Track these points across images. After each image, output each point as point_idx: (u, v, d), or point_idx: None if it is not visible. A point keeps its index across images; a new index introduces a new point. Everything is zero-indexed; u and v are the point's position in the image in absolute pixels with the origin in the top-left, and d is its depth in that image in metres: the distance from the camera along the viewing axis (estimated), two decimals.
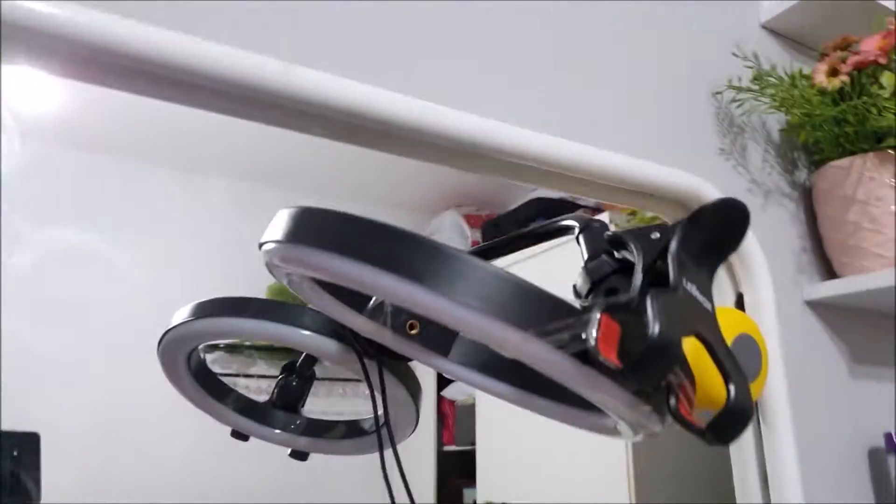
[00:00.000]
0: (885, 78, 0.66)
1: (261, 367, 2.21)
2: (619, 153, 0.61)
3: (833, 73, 0.70)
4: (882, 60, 0.67)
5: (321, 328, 0.48)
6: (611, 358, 0.24)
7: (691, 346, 0.56)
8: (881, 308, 0.78)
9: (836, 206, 0.73)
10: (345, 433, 0.62)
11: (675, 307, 0.26)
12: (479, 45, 0.61)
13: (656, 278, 0.27)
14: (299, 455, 0.64)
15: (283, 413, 0.61)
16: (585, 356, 0.26)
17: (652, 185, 0.64)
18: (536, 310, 0.26)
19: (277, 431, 0.62)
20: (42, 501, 1.08)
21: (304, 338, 0.49)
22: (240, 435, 0.63)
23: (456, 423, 2.23)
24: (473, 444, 1.82)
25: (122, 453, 1.96)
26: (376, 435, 0.56)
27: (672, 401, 0.27)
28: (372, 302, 0.42)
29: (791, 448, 0.65)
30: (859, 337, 0.79)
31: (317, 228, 0.29)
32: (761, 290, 0.68)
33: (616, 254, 0.30)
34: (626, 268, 0.29)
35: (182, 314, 0.51)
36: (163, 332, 0.53)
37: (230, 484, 2.12)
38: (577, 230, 0.33)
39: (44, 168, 1.86)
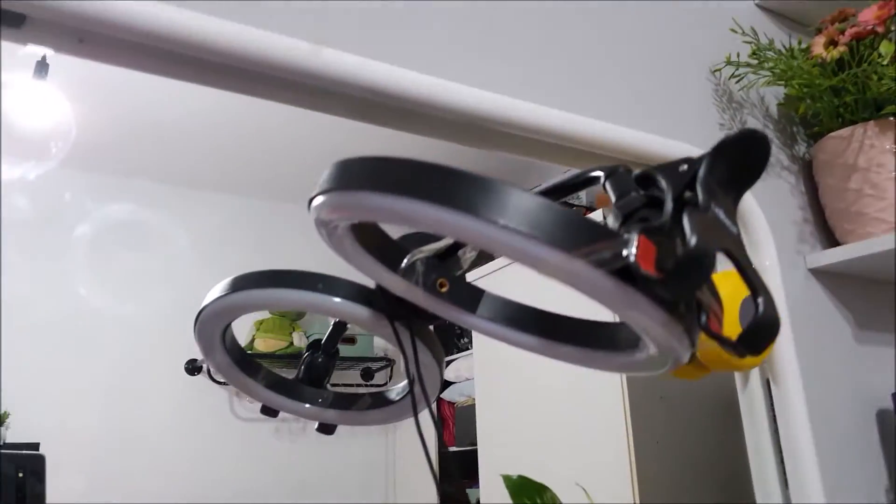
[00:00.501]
0: (884, 46, 0.69)
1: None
2: (623, 127, 0.64)
3: (831, 44, 0.73)
4: (880, 29, 0.70)
5: (354, 296, 0.50)
6: (650, 270, 0.26)
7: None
8: (884, 274, 0.80)
9: (837, 175, 0.76)
10: (370, 404, 0.64)
11: (706, 225, 0.28)
12: (500, 28, 0.63)
13: (685, 208, 0.29)
14: (326, 428, 0.65)
15: (309, 388, 0.63)
16: (624, 274, 0.28)
17: (657, 156, 0.66)
18: (578, 233, 0.28)
19: (306, 406, 0.63)
20: None
21: (338, 305, 0.50)
22: (269, 410, 0.64)
23: (456, 424, 2.25)
24: (474, 444, 1.84)
25: (129, 458, 1.97)
26: (408, 397, 0.58)
27: (703, 318, 0.29)
28: (405, 261, 0.44)
29: (802, 408, 0.67)
30: (863, 304, 0.81)
31: (367, 173, 0.31)
32: (766, 259, 0.70)
33: (644, 192, 0.32)
34: (655, 203, 0.31)
35: (219, 289, 0.52)
36: (199, 308, 0.54)
37: (236, 486, 2.13)
38: (602, 178, 0.35)
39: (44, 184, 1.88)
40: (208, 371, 2.15)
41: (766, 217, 0.70)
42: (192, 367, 2.15)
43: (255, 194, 2.22)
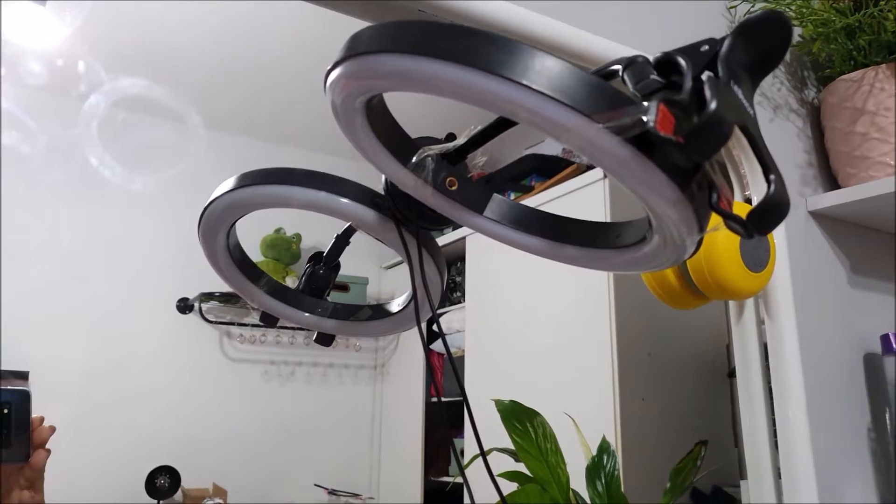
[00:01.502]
0: None
1: (254, 317, 2.24)
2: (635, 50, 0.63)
3: None
4: None
5: (361, 197, 0.50)
6: (668, 134, 0.26)
7: (709, 238, 0.59)
8: (881, 220, 0.81)
9: (844, 118, 0.76)
10: (371, 315, 0.64)
11: (725, 97, 0.28)
12: None
13: (705, 84, 0.29)
14: (324, 339, 0.65)
15: (310, 298, 0.63)
16: (642, 144, 0.28)
17: None
18: (600, 97, 0.28)
19: (306, 314, 0.63)
20: None
21: (345, 205, 0.50)
22: (269, 318, 0.65)
23: (444, 374, 2.27)
24: (460, 395, 1.85)
25: (117, 391, 1.99)
26: (409, 309, 0.58)
27: (714, 197, 0.30)
28: (416, 157, 0.44)
29: (794, 344, 0.68)
30: (859, 250, 0.82)
31: (382, 35, 0.31)
32: (765, 188, 0.71)
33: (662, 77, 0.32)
34: (674, 86, 0.31)
35: (226, 185, 0.52)
36: (206, 203, 0.54)
37: (222, 425, 2.16)
38: (621, 69, 0.34)
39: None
40: (199, 310, 2.16)
41: (773, 157, 0.70)
42: (184, 306, 2.16)
43: (255, 134, 2.20)
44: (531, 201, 1.60)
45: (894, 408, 0.76)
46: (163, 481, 1.96)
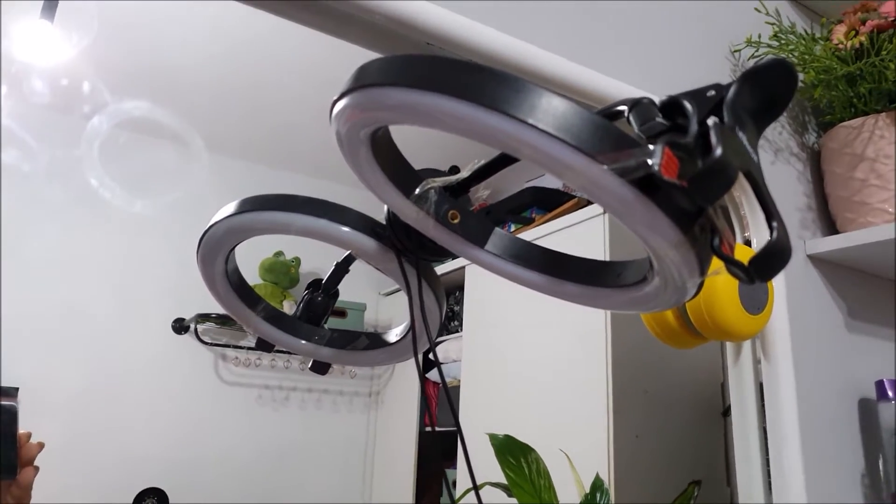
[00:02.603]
0: None
1: (250, 340, 2.22)
2: (640, 90, 0.64)
3: (852, 33, 0.73)
4: None
5: (362, 226, 0.50)
6: (672, 177, 0.27)
7: (708, 280, 0.59)
8: (878, 265, 0.81)
9: (844, 164, 0.76)
10: (368, 345, 0.64)
11: (731, 143, 0.28)
12: None
13: (710, 129, 0.30)
14: (320, 367, 0.65)
15: (307, 325, 0.63)
16: (646, 187, 0.28)
17: None
18: (605, 138, 0.28)
19: (302, 342, 0.63)
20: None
21: (345, 234, 0.50)
22: (264, 344, 0.64)
23: (439, 404, 2.25)
24: (457, 425, 1.83)
25: (110, 411, 1.97)
26: (406, 340, 0.58)
27: (716, 241, 0.30)
28: (419, 189, 0.44)
29: (790, 387, 0.67)
30: (856, 294, 0.82)
31: (390, 69, 0.31)
32: (767, 234, 0.71)
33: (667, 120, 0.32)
34: (680, 129, 0.31)
35: (227, 210, 0.52)
36: (205, 228, 0.54)
37: (214, 448, 2.13)
38: (626, 110, 0.35)
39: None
40: (195, 331, 2.14)
41: (774, 200, 0.71)
42: (180, 326, 2.15)
43: (255, 158, 2.21)
44: (531, 233, 1.60)
45: (888, 454, 0.75)
46: (150, 503, 1.93)
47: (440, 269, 1.95)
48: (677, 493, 1.01)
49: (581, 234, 1.48)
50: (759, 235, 0.76)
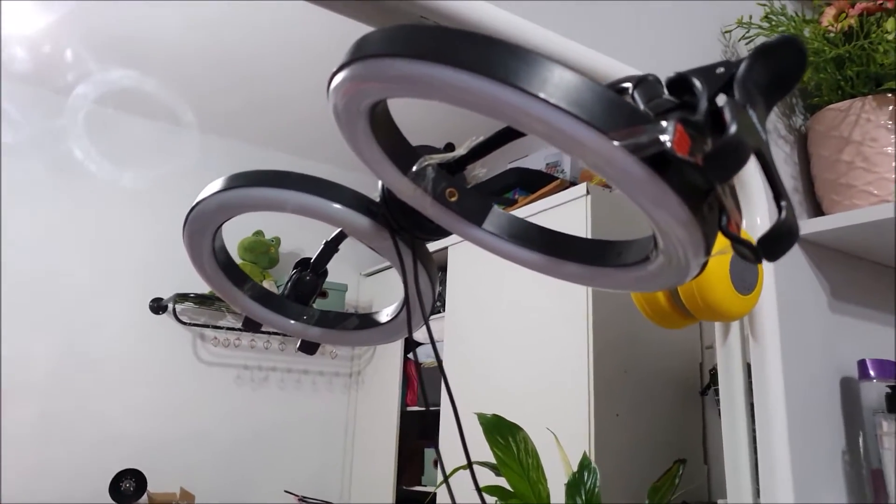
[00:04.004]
0: (890, 23, 0.70)
1: (229, 320, 2.21)
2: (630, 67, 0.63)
3: (840, 15, 0.74)
4: (889, 5, 0.71)
5: (356, 204, 0.49)
6: (684, 154, 0.26)
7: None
8: (863, 247, 0.82)
9: (831, 146, 0.77)
10: (357, 325, 0.63)
11: (743, 120, 0.28)
12: None
13: (722, 106, 0.29)
14: (308, 346, 0.64)
15: (295, 305, 0.62)
16: (657, 164, 0.28)
17: None
18: (618, 113, 0.27)
19: (291, 322, 0.62)
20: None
21: (339, 212, 0.49)
22: (252, 324, 0.63)
23: (422, 384, 2.26)
24: (436, 405, 1.85)
25: (86, 392, 1.94)
26: (397, 319, 0.57)
27: (724, 220, 0.29)
28: (416, 165, 0.43)
29: (777, 365, 0.68)
30: (841, 276, 0.83)
31: (393, 39, 0.30)
32: (757, 219, 0.71)
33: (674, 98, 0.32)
34: (687, 107, 0.30)
35: (215, 185, 0.51)
36: (193, 203, 0.52)
37: (192, 428, 2.12)
38: (630, 87, 0.34)
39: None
40: (173, 311, 2.12)
41: (762, 181, 0.71)
42: (158, 306, 2.11)
43: (241, 136, 2.17)
44: (514, 215, 1.60)
45: (868, 431, 0.77)
46: (128, 485, 1.91)
47: None
48: (655, 469, 1.03)
49: (563, 215, 1.48)
50: (750, 217, 0.77)
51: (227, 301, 0.62)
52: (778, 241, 0.29)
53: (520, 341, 1.54)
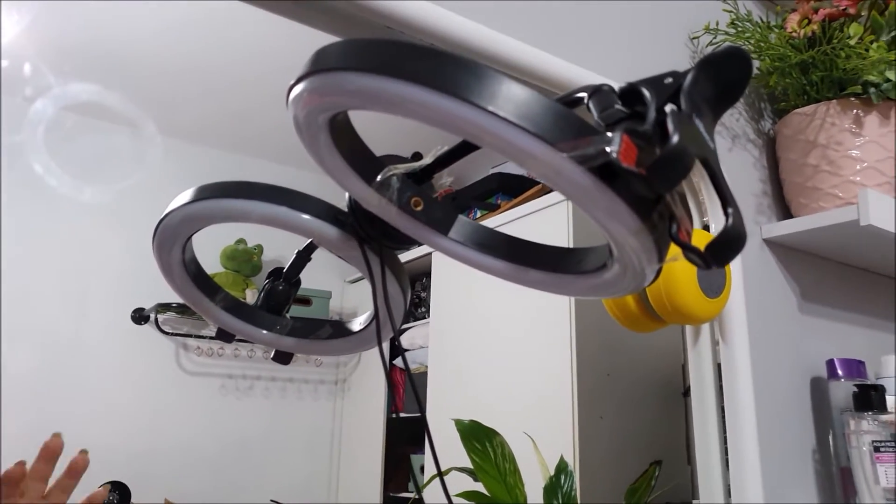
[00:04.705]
0: (853, 28, 0.71)
1: (212, 329, 2.19)
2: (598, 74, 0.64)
3: (805, 21, 0.75)
4: (852, 11, 0.72)
5: (324, 214, 0.49)
6: (631, 165, 0.27)
7: (667, 265, 0.60)
8: (830, 249, 0.83)
9: (798, 150, 0.78)
10: (331, 334, 0.63)
11: (688, 130, 0.28)
12: None
13: (668, 117, 0.30)
14: (282, 357, 0.64)
15: (268, 315, 0.62)
16: (605, 174, 0.28)
17: None
18: (565, 126, 0.28)
19: (263, 332, 0.62)
20: None
21: (306, 222, 0.49)
22: (224, 334, 0.63)
23: (407, 391, 2.25)
24: (422, 412, 1.84)
25: (68, 404, 1.92)
26: (370, 328, 0.58)
27: (674, 228, 0.30)
28: (381, 175, 0.43)
29: (746, 367, 0.69)
30: (808, 277, 0.85)
31: (349, 53, 0.30)
32: (713, 223, 0.72)
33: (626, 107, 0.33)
34: (638, 116, 0.31)
35: (183, 197, 0.51)
36: (161, 216, 0.52)
37: (177, 439, 2.10)
38: (586, 98, 0.35)
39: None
40: (155, 321, 2.10)
41: (730, 183, 0.72)
42: (139, 316, 2.10)
43: (214, 143, 2.16)
44: (496, 219, 1.61)
45: (837, 430, 0.78)
46: (111, 497, 1.89)
47: (408, 255, 1.94)
48: (640, 470, 1.04)
49: (546, 219, 1.49)
50: (718, 220, 0.78)
51: (199, 312, 0.62)
52: (725, 248, 0.30)
53: (505, 346, 1.54)
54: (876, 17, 0.73)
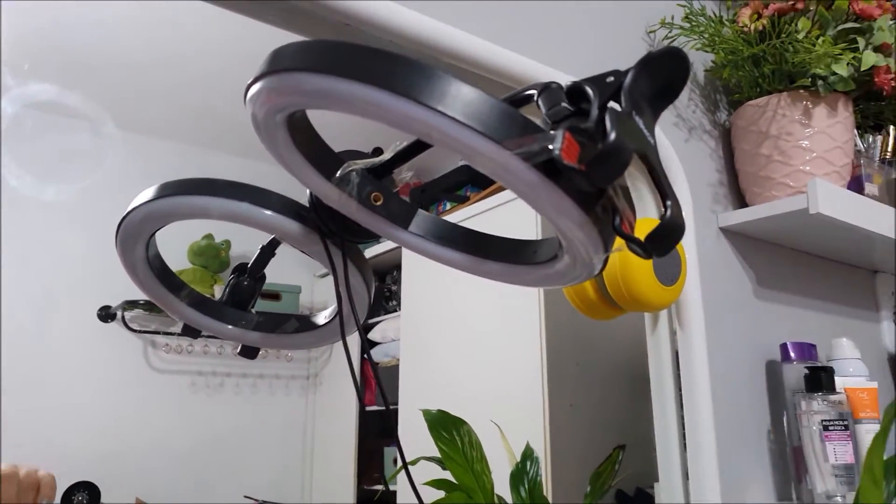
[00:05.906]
0: (801, 23, 0.74)
1: (180, 326, 2.17)
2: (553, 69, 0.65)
3: (755, 16, 0.78)
4: (800, 6, 0.75)
5: (286, 209, 0.50)
6: (572, 162, 0.28)
7: (624, 254, 0.62)
8: (783, 235, 0.87)
9: (751, 141, 0.81)
10: (297, 328, 0.64)
11: (626, 127, 0.30)
12: None
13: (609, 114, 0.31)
14: (248, 351, 0.65)
15: (234, 310, 0.62)
16: (549, 170, 0.30)
17: None
18: (510, 124, 0.29)
19: (229, 327, 0.62)
20: None
21: (268, 217, 0.50)
22: (190, 330, 0.63)
23: (378, 384, 2.26)
24: (395, 404, 1.87)
25: (35, 405, 1.89)
26: (335, 321, 0.58)
27: (616, 220, 0.32)
28: (340, 171, 0.44)
29: (702, 352, 0.72)
30: (764, 263, 0.88)
31: (304, 54, 0.31)
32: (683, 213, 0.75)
33: (574, 104, 0.34)
34: (583, 114, 0.32)
35: (145, 195, 0.51)
36: (123, 214, 0.53)
37: (148, 438, 2.08)
38: (536, 94, 0.36)
39: None
40: (122, 318, 2.07)
41: (687, 176, 0.74)
42: (106, 314, 2.07)
43: (180, 139, 2.14)
44: (465, 211, 1.62)
45: (790, 411, 0.82)
46: (81, 498, 1.86)
47: (378, 248, 1.95)
48: (607, 454, 1.07)
49: (514, 210, 1.51)
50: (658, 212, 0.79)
51: (164, 309, 0.62)
52: (664, 238, 0.32)
53: (476, 338, 1.56)
54: (822, 12, 0.76)
